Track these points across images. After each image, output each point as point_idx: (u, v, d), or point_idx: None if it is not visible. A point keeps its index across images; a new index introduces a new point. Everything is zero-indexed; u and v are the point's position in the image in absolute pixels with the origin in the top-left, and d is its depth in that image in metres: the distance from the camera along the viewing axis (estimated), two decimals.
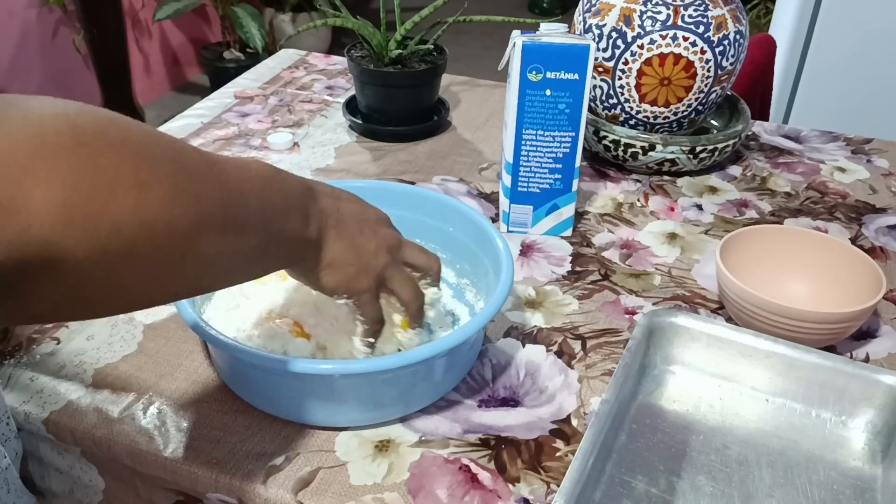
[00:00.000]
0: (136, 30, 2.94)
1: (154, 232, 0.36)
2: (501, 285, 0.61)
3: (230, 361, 0.61)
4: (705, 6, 0.87)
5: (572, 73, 0.76)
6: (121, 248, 0.35)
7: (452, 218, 0.72)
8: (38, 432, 0.61)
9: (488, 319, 0.59)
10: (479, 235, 0.70)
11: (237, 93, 1.17)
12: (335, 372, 0.55)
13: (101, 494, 0.62)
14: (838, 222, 0.90)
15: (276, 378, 0.58)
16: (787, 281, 0.74)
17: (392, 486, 0.56)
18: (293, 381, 0.57)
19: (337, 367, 0.55)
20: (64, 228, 0.32)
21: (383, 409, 0.60)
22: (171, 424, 0.60)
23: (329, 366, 0.55)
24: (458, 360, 0.63)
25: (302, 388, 0.58)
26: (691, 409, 0.63)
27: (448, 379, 0.63)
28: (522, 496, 0.55)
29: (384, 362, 0.56)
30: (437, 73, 1.04)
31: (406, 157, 1.00)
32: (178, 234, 0.38)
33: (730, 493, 0.56)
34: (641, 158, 0.94)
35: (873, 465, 0.59)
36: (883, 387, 0.60)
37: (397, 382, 0.59)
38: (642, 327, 0.64)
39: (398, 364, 0.56)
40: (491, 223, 0.69)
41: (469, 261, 0.72)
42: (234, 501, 0.56)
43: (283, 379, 0.57)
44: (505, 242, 0.67)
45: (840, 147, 1.06)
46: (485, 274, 0.69)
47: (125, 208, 0.34)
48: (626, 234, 0.86)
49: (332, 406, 0.59)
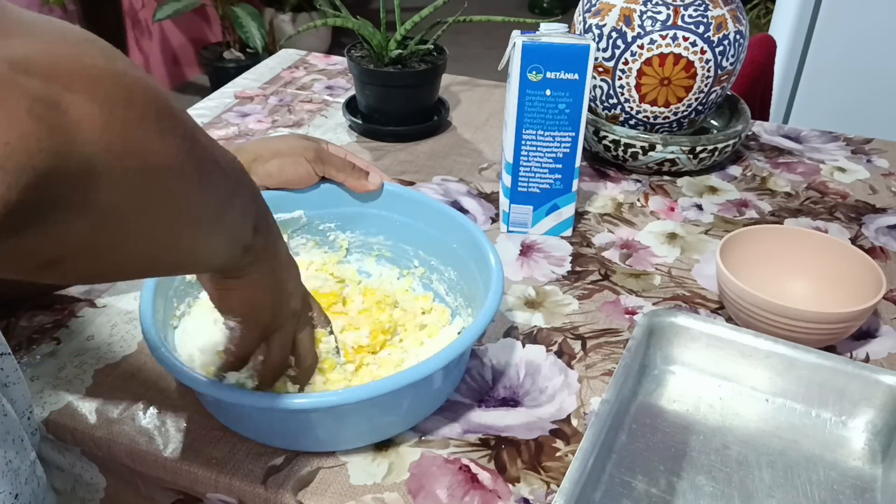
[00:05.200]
0: (136, 30, 2.94)
1: (170, 178, 0.36)
2: (487, 306, 0.58)
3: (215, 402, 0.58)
4: (705, 6, 0.87)
5: (572, 73, 0.76)
6: (144, 186, 0.34)
7: (442, 223, 0.70)
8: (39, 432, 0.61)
9: (469, 344, 0.56)
10: (470, 243, 0.67)
11: (237, 93, 1.17)
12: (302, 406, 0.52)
13: (103, 492, 0.62)
14: (838, 222, 0.90)
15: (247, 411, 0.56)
16: (787, 281, 0.74)
17: (392, 486, 0.56)
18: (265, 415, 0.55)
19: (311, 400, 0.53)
20: (105, 152, 0.31)
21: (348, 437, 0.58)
22: (171, 424, 0.60)
23: (303, 400, 0.52)
24: (452, 373, 0.61)
25: (274, 421, 0.56)
26: (691, 409, 0.63)
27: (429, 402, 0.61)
28: (522, 496, 0.55)
29: (347, 394, 0.53)
30: (437, 73, 1.04)
31: (406, 157, 1.00)
32: (185, 184, 0.37)
33: (730, 493, 0.56)
34: (641, 158, 0.94)
35: (873, 465, 0.59)
36: (883, 387, 0.60)
37: (364, 412, 0.56)
38: (642, 327, 0.64)
39: (366, 395, 0.52)
40: (485, 236, 0.66)
41: (454, 265, 0.70)
42: (234, 501, 0.56)
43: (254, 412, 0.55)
44: (498, 261, 0.63)
45: (840, 147, 1.06)
46: (472, 279, 0.66)
47: (153, 148, 0.34)
48: (626, 234, 0.86)
49: (324, 433, 0.58)
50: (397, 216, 0.73)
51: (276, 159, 0.68)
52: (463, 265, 0.68)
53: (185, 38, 3.21)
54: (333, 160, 0.71)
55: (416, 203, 0.72)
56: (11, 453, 0.51)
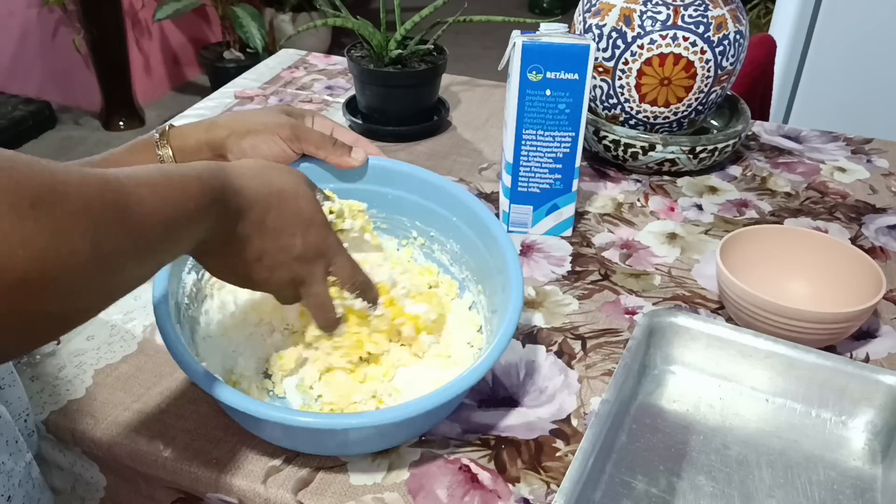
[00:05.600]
0: (136, 30, 2.94)
1: (47, 266, 0.34)
2: (507, 322, 0.57)
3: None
4: (705, 6, 0.87)
5: (572, 73, 0.76)
6: (13, 284, 0.33)
7: (441, 198, 0.69)
8: (39, 432, 0.61)
9: (494, 362, 0.55)
10: (472, 218, 0.66)
11: (237, 93, 1.17)
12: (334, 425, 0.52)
13: (103, 491, 0.62)
14: (838, 222, 0.90)
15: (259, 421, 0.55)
16: (787, 281, 0.74)
17: (392, 486, 0.56)
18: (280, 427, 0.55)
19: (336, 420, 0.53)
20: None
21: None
22: (171, 424, 0.60)
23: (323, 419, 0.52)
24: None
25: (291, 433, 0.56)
26: (691, 409, 0.63)
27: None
28: (522, 496, 0.55)
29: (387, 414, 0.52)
30: (437, 73, 1.04)
31: (406, 157, 1.00)
32: (75, 264, 0.35)
33: (730, 493, 0.56)
34: (641, 158, 0.94)
35: (873, 465, 0.59)
36: (883, 387, 0.60)
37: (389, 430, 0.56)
38: (642, 327, 0.64)
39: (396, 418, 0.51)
40: (509, 239, 0.64)
41: (456, 237, 0.69)
42: (234, 501, 0.56)
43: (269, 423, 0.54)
44: (519, 273, 0.61)
45: (840, 147, 1.06)
46: (477, 251, 0.65)
47: (52, 254, 0.33)
48: (626, 234, 0.86)
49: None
50: (388, 189, 0.70)
51: (249, 136, 0.65)
52: (466, 238, 0.67)
53: (185, 38, 3.21)
54: (311, 136, 0.67)
55: (407, 176, 0.69)
56: (5, 455, 0.51)
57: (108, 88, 2.85)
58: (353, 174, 0.69)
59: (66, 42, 2.81)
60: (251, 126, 0.66)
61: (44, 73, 2.91)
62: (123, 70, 2.84)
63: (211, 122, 0.66)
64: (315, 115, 0.71)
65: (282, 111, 0.68)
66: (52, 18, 2.81)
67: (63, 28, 2.82)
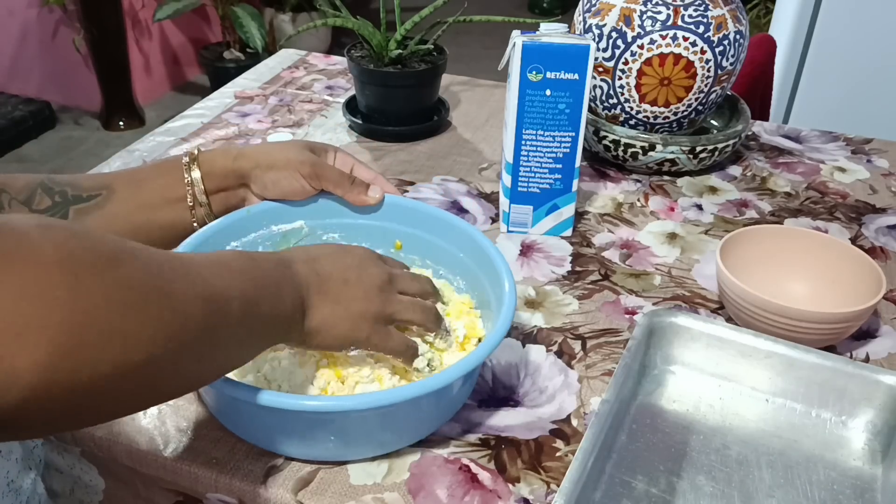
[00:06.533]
0: (136, 30, 2.94)
1: (133, 371, 0.36)
2: (502, 320, 0.58)
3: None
4: (705, 6, 0.87)
5: (572, 73, 0.76)
6: (99, 388, 0.35)
7: (447, 233, 0.70)
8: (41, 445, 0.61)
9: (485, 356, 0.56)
10: (477, 252, 0.67)
11: (237, 93, 1.17)
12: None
13: (102, 494, 0.62)
14: (838, 222, 0.90)
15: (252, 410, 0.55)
16: (787, 281, 0.74)
17: (392, 486, 0.56)
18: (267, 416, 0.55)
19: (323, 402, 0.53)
20: (46, 388, 0.32)
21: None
22: (171, 424, 0.60)
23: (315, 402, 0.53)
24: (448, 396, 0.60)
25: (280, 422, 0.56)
26: (691, 409, 0.63)
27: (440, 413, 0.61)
28: (522, 496, 0.55)
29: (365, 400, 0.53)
30: (437, 73, 1.04)
31: (406, 157, 1.00)
32: (157, 368, 0.38)
33: (730, 493, 0.56)
34: (641, 158, 0.94)
35: (873, 465, 0.59)
36: (883, 387, 0.60)
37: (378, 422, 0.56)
38: (642, 327, 0.64)
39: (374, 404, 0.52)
40: (492, 244, 0.66)
41: (462, 273, 0.70)
42: (234, 501, 0.56)
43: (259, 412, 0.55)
44: (508, 272, 0.63)
45: (840, 147, 1.06)
46: (481, 287, 0.66)
47: (107, 358, 0.35)
48: (626, 234, 0.86)
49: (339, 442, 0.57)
50: (401, 227, 0.72)
51: (272, 171, 0.68)
52: (471, 274, 0.68)
53: (185, 38, 3.21)
54: (330, 175, 0.69)
55: (419, 214, 0.72)
56: (14, 472, 0.51)
57: (108, 88, 2.85)
58: (370, 209, 0.72)
59: (66, 42, 2.81)
60: (275, 161, 0.69)
61: (44, 73, 2.91)
62: (123, 70, 2.84)
63: (239, 152, 0.69)
64: (338, 151, 0.74)
65: (305, 147, 0.71)
66: (52, 18, 2.81)
67: (63, 28, 2.82)
